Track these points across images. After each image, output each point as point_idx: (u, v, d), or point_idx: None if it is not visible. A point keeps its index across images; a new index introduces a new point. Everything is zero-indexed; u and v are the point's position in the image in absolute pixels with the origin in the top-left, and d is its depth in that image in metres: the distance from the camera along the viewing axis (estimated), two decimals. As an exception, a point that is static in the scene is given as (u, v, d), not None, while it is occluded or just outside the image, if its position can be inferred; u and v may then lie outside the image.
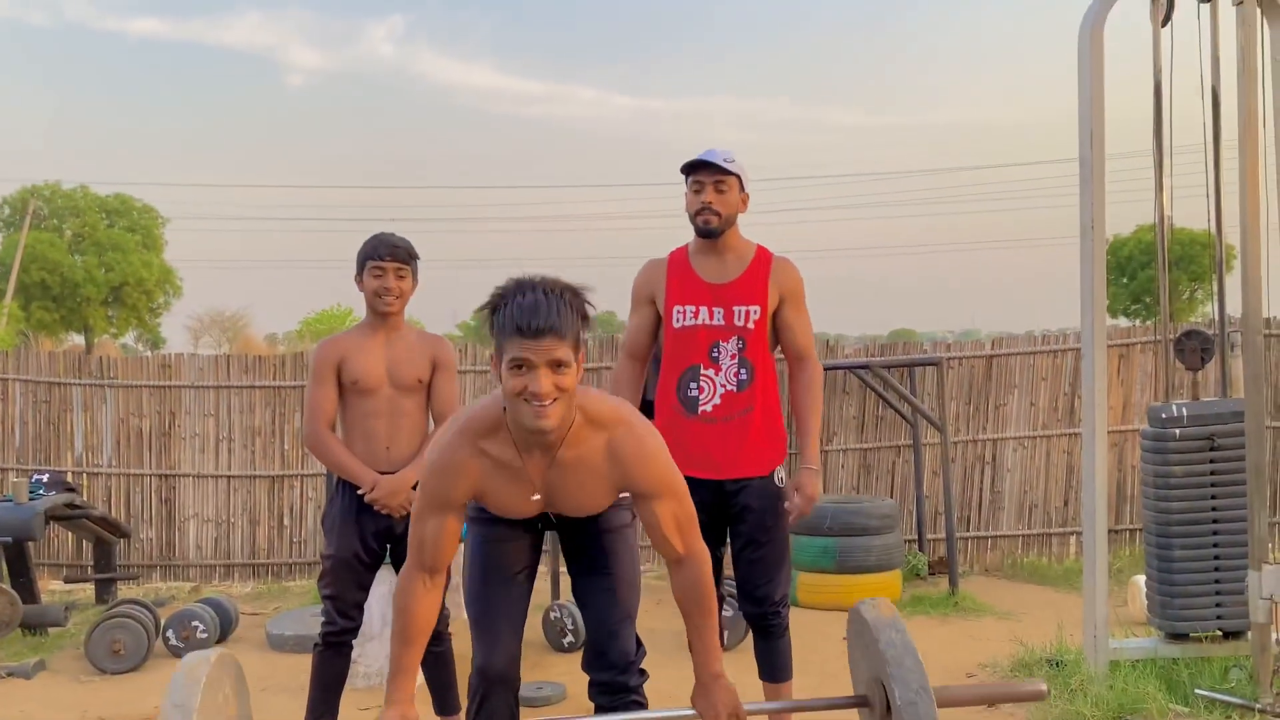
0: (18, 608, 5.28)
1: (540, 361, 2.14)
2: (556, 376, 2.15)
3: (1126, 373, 7.39)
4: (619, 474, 2.39)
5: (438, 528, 2.39)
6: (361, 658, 4.67)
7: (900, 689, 2.23)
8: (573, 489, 2.42)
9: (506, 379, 2.19)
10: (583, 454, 2.36)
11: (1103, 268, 4.34)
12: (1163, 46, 4.37)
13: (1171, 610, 4.30)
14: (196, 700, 2.11)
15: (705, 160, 3.32)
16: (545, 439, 2.28)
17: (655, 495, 2.39)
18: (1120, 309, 34.95)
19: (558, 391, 2.16)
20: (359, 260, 3.56)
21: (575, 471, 2.38)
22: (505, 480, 2.39)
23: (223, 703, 2.29)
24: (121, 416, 7.38)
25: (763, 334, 3.33)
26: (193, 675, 2.16)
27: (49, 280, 33.33)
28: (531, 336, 2.12)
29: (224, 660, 2.32)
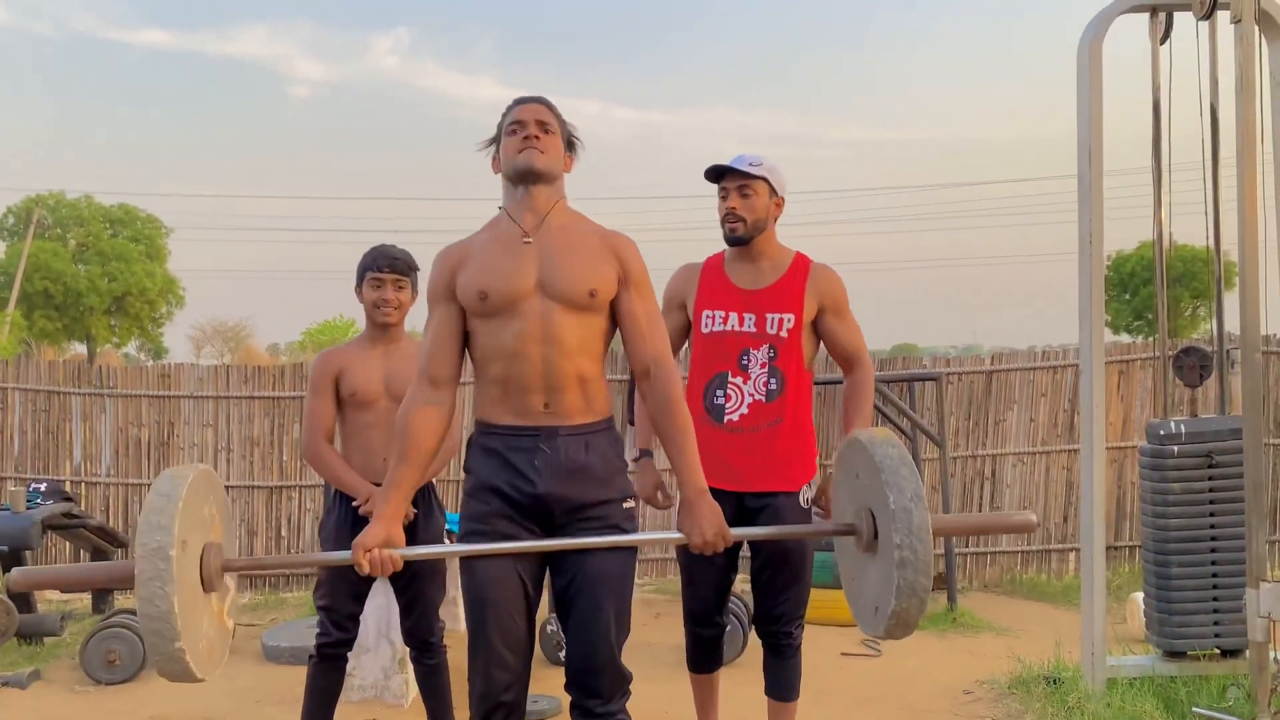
0: (13, 617, 5.27)
1: (530, 119, 2.57)
2: (545, 134, 2.57)
3: (1126, 389, 7.38)
4: (608, 247, 2.57)
5: (440, 324, 2.54)
6: (357, 670, 4.66)
7: (895, 496, 2.23)
8: (565, 248, 2.53)
9: (505, 144, 2.59)
10: (573, 224, 2.60)
11: (1101, 283, 4.34)
12: (1161, 64, 4.39)
13: (1169, 628, 4.28)
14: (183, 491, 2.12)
15: (727, 166, 3.22)
16: (534, 194, 2.55)
17: (637, 281, 2.58)
18: (1122, 325, 34.94)
19: (545, 134, 2.56)
20: (359, 272, 3.57)
21: (566, 236, 2.55)
22: (498, 241, 2.55)
23: (208, 518, 2.29)
24: (120, 426, 7.39)
25: (796, 344, 3.21)
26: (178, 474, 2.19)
27: (52, 289, 33.43)
28: (524, 102, 2.61)
29: (209, 476, 2.33)
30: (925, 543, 2.19)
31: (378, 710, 4.58)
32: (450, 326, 2.54)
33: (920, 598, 2.22)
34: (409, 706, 4.60)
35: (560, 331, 2.49)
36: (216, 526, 2.34)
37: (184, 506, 2.10)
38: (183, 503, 2.10)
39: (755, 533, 2.73)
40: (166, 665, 2.08)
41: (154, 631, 2.03)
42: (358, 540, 2.36)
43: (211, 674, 2.23)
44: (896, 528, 2.20)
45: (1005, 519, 2.56)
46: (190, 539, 2.16)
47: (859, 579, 2.48)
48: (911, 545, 2.18)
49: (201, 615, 2.21)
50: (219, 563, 2.27)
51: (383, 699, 4.67)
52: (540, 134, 2.56)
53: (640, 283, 2.59)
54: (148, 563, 2.02)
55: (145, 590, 2.02)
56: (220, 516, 2.38)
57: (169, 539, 2.04)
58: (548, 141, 2.57)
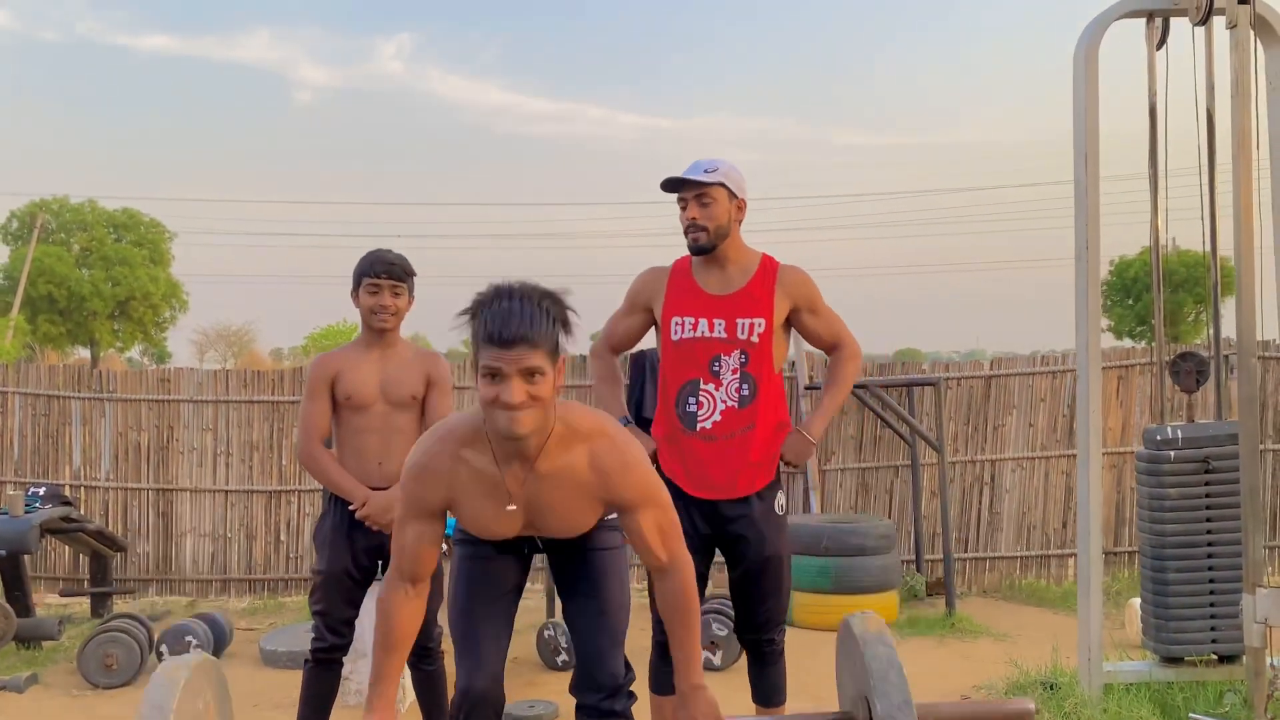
0: (11, 621, 5.29)
1: (512, 371, 2.12)
2: (530, 386, 2.14)
3: (1125, 394, 7.37)
4: (601, 485, 2.36)
5: (417, 535, 2.40)
6: (353, 675, 4.66)
7: (882, 704, 2.22)
8: (553, 504, 2.39)
9: (481, 387, 2.19)
10: (562, 466, 2.34)
11: (1097, 289, 4.34)
12: (1158, 69, 4.39)
13: (1166, 633, 4.28)
14: (174, 702, 2.11)
15: (681, 178, 3.21)
16: (521, 447, 2.29)
17: (638, 505, 2.38)
18: (1125, 330, 34.87)
19: (531, 401, 2.15)
20: (355, 277, 3.58)
21: (555, 484, 2.36)
22: (482, 492, 2.37)
23: (203, 710, 2.29)
24: (120, 430, 7.40)
25: (767, 348, 3.19)
26: (171, 677, 2.17)
27: (56, 294, 33.48)
28: (503, 345, 2.11)
29: (205, 667, 2.32)
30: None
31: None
32: (431, 538, 2.43)
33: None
34: (406, 710, 4.60)
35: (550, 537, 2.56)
36: (211, 714, 2.36)
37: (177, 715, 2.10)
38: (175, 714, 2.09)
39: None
40: None
41: None
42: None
43: None
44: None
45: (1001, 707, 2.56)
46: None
47: None
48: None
49: None
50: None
51: (379, 703, 4.67)
52: (525, 397, 2.15)
53: (646, 501, 2.40)
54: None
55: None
56: (215, 703, 2.39)
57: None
58: (536, 398, 2.17)
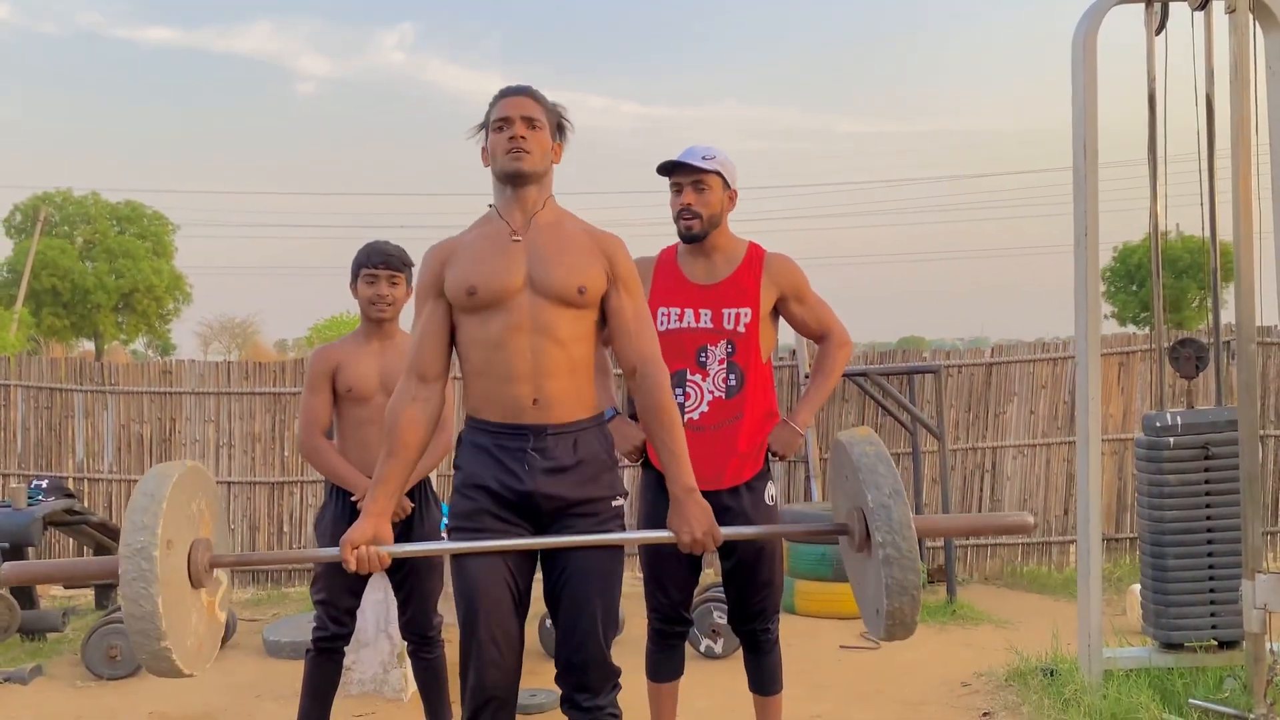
0: (15, 613, 5.30)
1: (516, 115, 2.52)
2: (532, 131, 2.52)
3: (1127, 381, 7.37)
4: (596, 245, 2.57)
5: (428, 320, 2.56)
6: (356, 664, 4.68)
7: (873, 494, 2.22)
8: (554, 247, 2.53)
9: (492, 140, 2.55)
10: (561, 222, 2.59)
11: (1097, 275, 4.33)
12: (1157, 55, 4.37)
13: (1166, 619, 4.28)
14: (167, 489, 2.13)
15: (680, 161, 3.18)
16: (522, 197, 2.54)
17: (625, 281, 2.57)
18: (1129, 316, 34.82)
19: (533, 136, 2.52)
20: (353, 268, 3.59)
21: (555, 233, 2.56)
22: (487, 239, 2.55)
23: (196, 514, 2.29)
24: (122, 423, 7.42)
25: (754, 338, 3.18)
26: (164, 471, 2.19)
27: (60, 286, 33.53)
28: (510, 95, 2.57)
29: (199, 473, 2.33)
30: (908, 538, 2.17)
31: (377, 704, 4.60)
32: (438, 322, 2.55)
33: (911, 595, 2.20)
34: (408, 700, 4.62)
35: (549, 322, 2.50)
36: (206, 522, 2.35)
37: (169, 504, 2.11)
38: (167, 501, 2.10)
39: (745, 532, 2.73)
40: (153, 663, 2.10)
41: (139, 631, 2.04)
42: (345, 537, 2.37)
43: (202, 669, 2.24)
44: (877, 525, 2.19)
45: (1000, 519, 2.50)
46: (177, 537, 2.16)
47: (860, 582, 2.47)
48: (894, 542, 2.16)
49: (189, 612, 2.22)
50: (207, 559, 2.28)
51: (381, 693, 4.69)
52: (526, 132, 2.52)
53: (628, 282, 2.58)
54: (131, 563, 2.03)
55: (129, 590, 2.03)
56: (210, 512, 2.39)
57: (153, 539, 2.05)
58: (534, 139, 2.53)
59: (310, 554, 2.63)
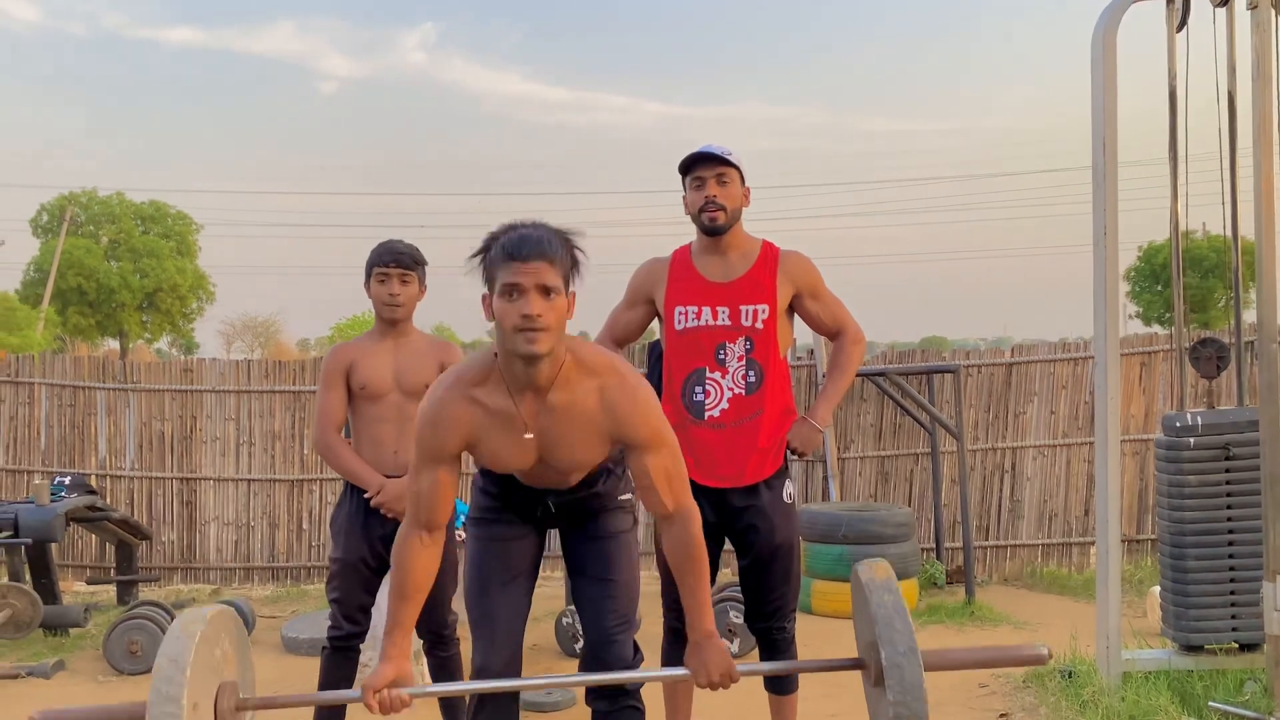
0: (39, 608, 5.36)
1: (530, 285, 2.20)
2: (547, 303, 2.21)
3: (1148, 381, 7.30)
4: (611, 423, 2.40)
5: (432, 481, 2.43)
6: (372, 661, 4.69)
7: (888, 650, 2.22)
8: (565, 435, 2.42)
9: (499, 308, 2.24)
10: (574, 399, 2.38)
11: (1116, 275, 4.30)
12: (1178, 52, 4.33)
13: (1186, 621, 4.24)
14: (190, 655, 2.14)
15: (705, 153, 3.18)
16: (534, 376, 2.33)
17: (647, 447, 2.41)
18: (1154, 316, 34.52)
19: (549, 316, 2.21)
20: (366, 267, 3.60)
21: (567, 417, 2.40)
22: (498, 427, 2.41)
23: (220, 658, 2.31)
24: (144, 420, 7.48)
25: (772, 334, 3.18)
26: (187, 630, 2.19)
27: (85, 286, 33.83)
28: (522, 260, 2.20)
29: (221, 617, 2.34)
30: (919, 698, 2.18)
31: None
32: (448, 483, 2.47)
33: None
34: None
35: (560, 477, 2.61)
36: (230, 663, 2.39)
37: (193, 672, 2.13)
38: (191, 669, 2.12)
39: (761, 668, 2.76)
40: None
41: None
42: (366, 682, 2.39)
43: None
44: (890, 684, 2.20)
45: (1015, 653, 2.49)
46: (202, 696, 2.20)
47: (873, 709, 2.47)
48: (906, 703, 2.18)
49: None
50: (233, 703, 2.32)
51: (398, 690, 4.71)
52: (542, 309, 2.21)
53: (652, 443, 2.43)
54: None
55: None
56: (235, 650, 2.42)
57: (178, 709, 2.07)
58: (552, 314, 2.23)
59: (333, 696, 2.73)
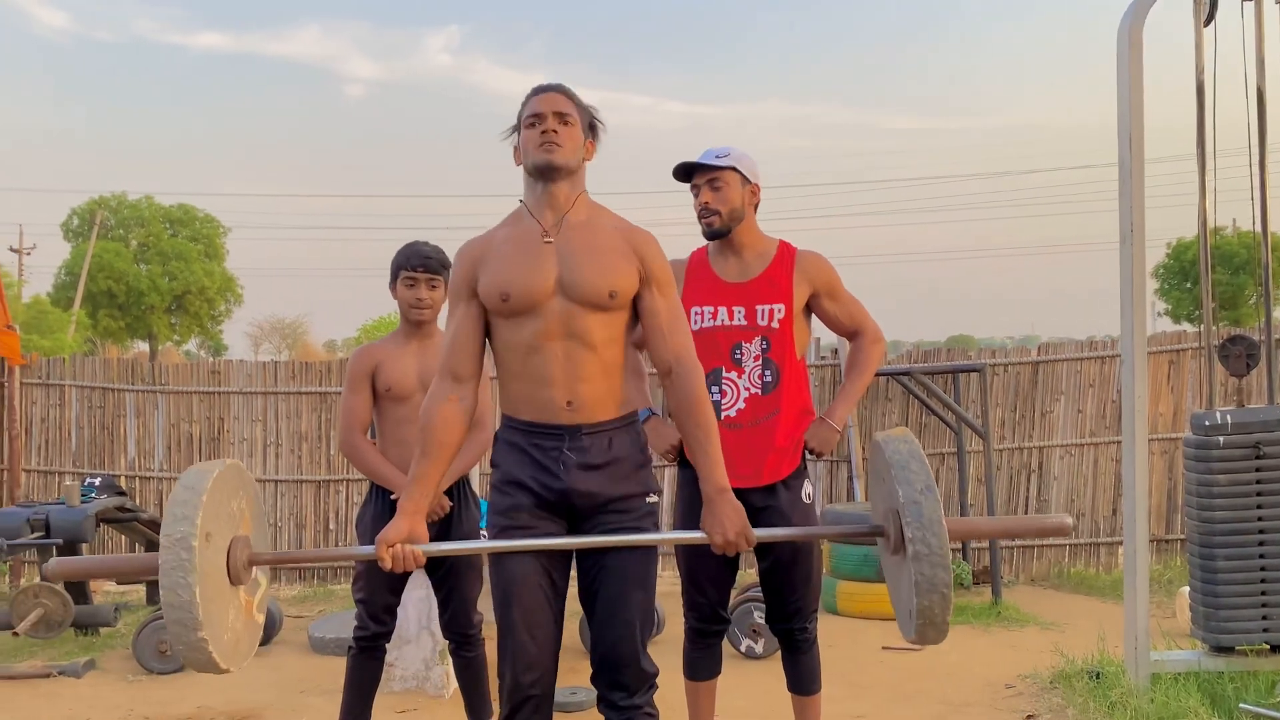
0: (69, 608, 5.42)
1: (548, 110, 2.53)
2: (564, 126, 2.53)
3: (1177, 379, 7.23)
4: (629, 245, 2.54)
5: (460, 321, 2.55)
6: (398, 661, 4.72)
7: (904, 490, 2.19)
8: (586, 249, 2.51)
9: (524, 137, 2.56)
10: (593, 221, 2.57)
11: (1143, 272, 4.26)
12: (1206, 46, 4.28)
13: (1215, 622, 4.19)
14: (208, 483, 2.15)
15: (691, 163, 3.20)
16: (554, 190, 2.53)
17: (658, 281, 2.55)
18: (1183, 314, 34.16)
19: (565, 129, 2.52)
20: (392, 270, 3.62)
21: (587, 232, 2.54)
22: (518, 241, 2.54)
23: (237, 513, 2.31)
24: (172, 422, 7.55)
25: (788, 334, 3.18)
26: (204, 468, 2.22)
27: (115, 289, 34.20)
28: (542, 93, 2.58)
29: (241, 472, 2.35)
30: (938, 534, 2.14)
31: (419, 701, 4.64)
32: (471, 323, 2.55)
33: (941, 593, 2.16)
34: (449, 698, 4.66)
35: (581, 328, 2.50)
36: (246, 521, 2.38)
37: (208, 499, 2.14)
38: (207, 495, 2.13)
39: (778, 534, 2.73)
40: (189, 655, 2.12)
41: (176, 621, 2.07)
42: (380, 536, 2.38)
43: (238, 666, 2.26)
44: (907, 521, 2.16)
45: (1037, 522, 2.44)
46: (216, 531, 2.19)
47: (895, 584, 2.44)
48: (924, 539, 2.13)
49: (227, 607, 2.24)
50: (246, 556, 2.30)
51: (424, 690, 4.74)
52: (558, 126, 2.52)
53: (661, 281, 2.56)
54: (170, 553, 2.06)
55: (168, 580, 2.05)
56: (250, 511, 2.41)
57: (192, 529, 2.07)
58: (566, 134, 2.53)
59: (346, 552, 2.66)
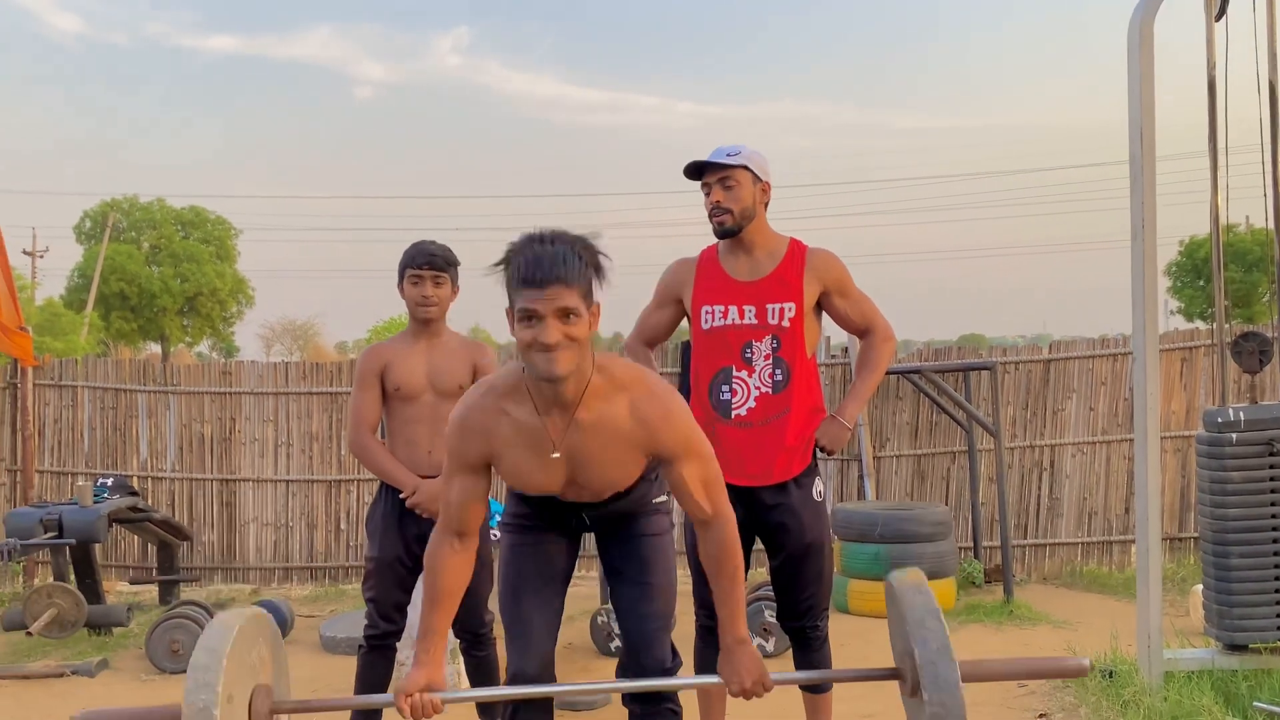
0: (83, 608, 5.44)
1: (547, 311, 2.14)
2: (566, 326, 2.16)
3: (1189, 376, 7.19)
4: (644, 436, 2.36)
5: (463, 489, 2.43)
6: (408, 660, 4.71)
7: (921, 650, 2.19)
8: (595, 454, 2.38)
9: (517, 331, 2.20)
10: (603, 415, 2.34)
11: (1154, 270, 4.24)
12: (1217, 41, 4.26)
13: (1229, 620, 4.17)
14: (228, 645, 2.15)
15: (702, 161, 3.20)
16: (561, 394, 2.29)
17: (681, 457, 2.38)
18: (1196, 311, 33.99)
19: (567, 340, 2.17)
20: (399, 269, 3.63)
21: (596, 434, 2.35)
22: (525, 443, 2.38)
23: (257, 663, 2.32)
24: (184, 422, 7.58)
25: (799, 332, 3.17)
26: (226, 624, 2.21)
27: (127, 291, 34.32)
28: (538, 286, 2.13)
29: (259, 619, 2.35)
30: (955, 696, 2.15)
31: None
32: (473, 492, 2.46)
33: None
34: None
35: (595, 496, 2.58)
36: (266, 668, 2.39)
37: (229, 662, 2.15)
38: (228, 658, 2.14)
39: (796, 677, 2.78)
40: None
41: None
42: (398, 687, 2.40)
43: None
44: (925, 684, 2.17)
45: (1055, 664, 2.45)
46: (237, 690, 2.20)
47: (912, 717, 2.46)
48: (941, 701, 2.15)
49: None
50: (267, 707, 2.32)
51: (434, 689, 4.73)
52: (560, 335, 2.17)
53: (688, 453, 2.40)
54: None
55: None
56: (271, 656, 2.43)
57: (213, 697, 2.08)
58: (572, 336, 2.19)
59: (368, 699, 2.75)
